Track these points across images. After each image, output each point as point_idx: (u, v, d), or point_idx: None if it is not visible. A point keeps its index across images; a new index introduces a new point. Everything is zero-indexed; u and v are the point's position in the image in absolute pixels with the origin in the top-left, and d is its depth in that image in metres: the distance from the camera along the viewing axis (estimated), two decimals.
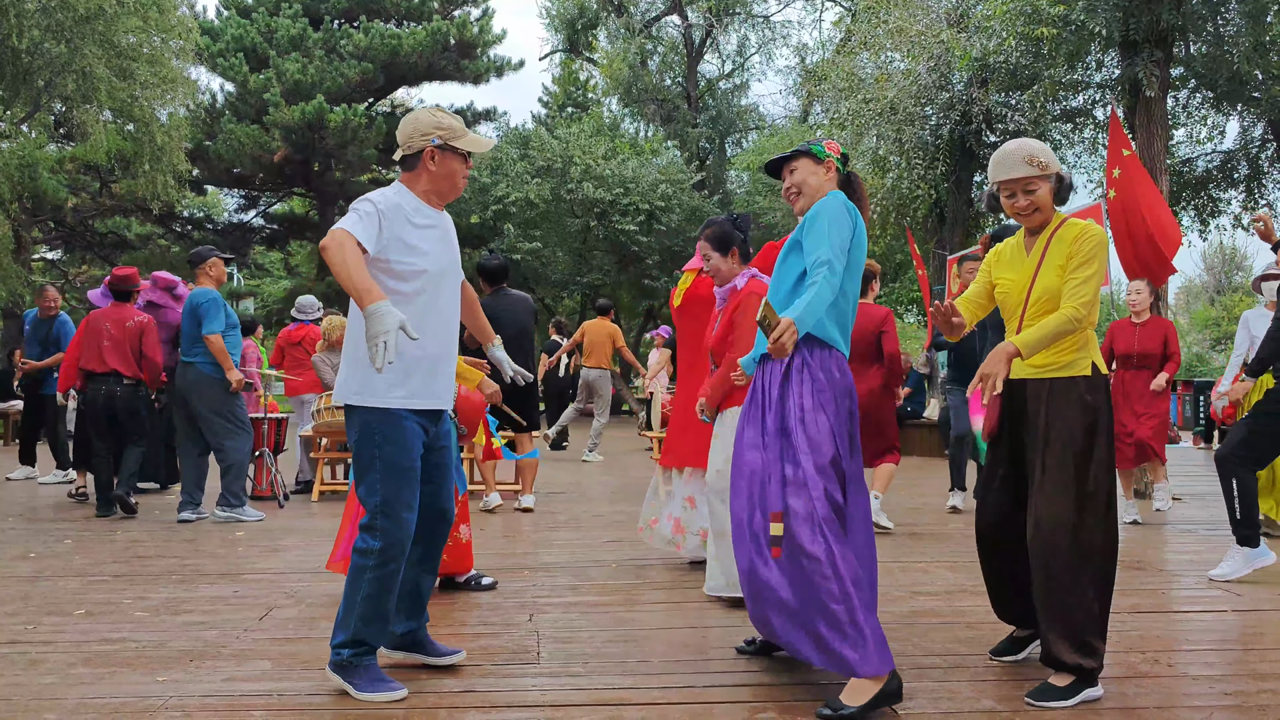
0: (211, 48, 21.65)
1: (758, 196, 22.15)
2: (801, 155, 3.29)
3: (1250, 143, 15.18)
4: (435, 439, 3.20)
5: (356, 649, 3.03)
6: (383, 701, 2.96)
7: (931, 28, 14.48)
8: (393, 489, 3.00)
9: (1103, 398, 3.11)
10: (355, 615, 3.01)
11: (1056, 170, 3.19)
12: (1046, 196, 3.18)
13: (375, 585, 3.00)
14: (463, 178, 3.15)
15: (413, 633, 3.31)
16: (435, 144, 3.09)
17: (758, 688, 3.13)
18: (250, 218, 26.81)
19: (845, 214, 3.11)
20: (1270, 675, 3.28)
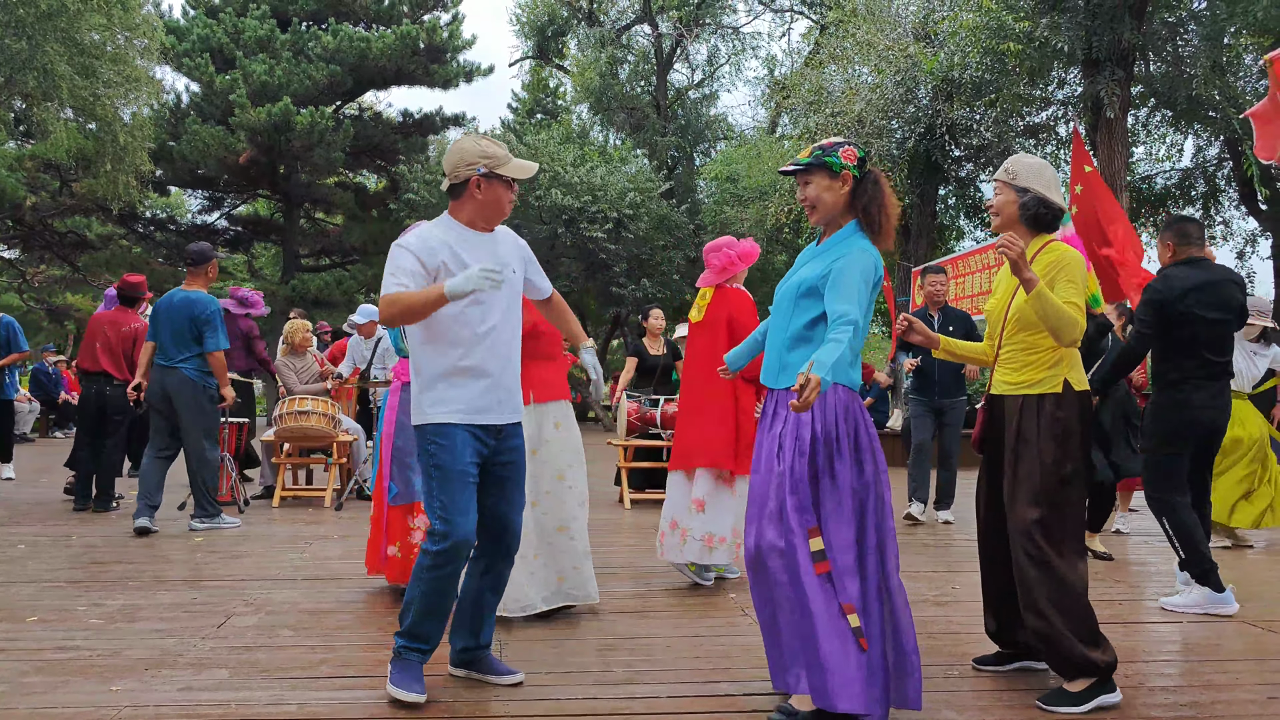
0: (177, 47, 21.40)
1: (725, 206, 22.23)
2: (816, 170, 3.08)
3: (1207, 161, 15.51)
4: (498, 452, 3.21)
5: (411, 640, 3.10)
6: (400, 698, 2.99)
7: (899, 42, 14.64)
8: (447, 494, 3.05)
9: (1075, 413, 3.18)
10: (414, 609, 3.09)
11: (1025, 186, 3.26)
12: (1006, 206, 3.32)
13: (432, 585, 3.06)
14: (509, 203, 3.19)
15: (471, 650, 3.30)
16: (481, 173, 3.11)
17: (720, 697, 3.13)
18: (214, 219, 26.50)
19: (874, 270, 2.99)
20: (1225, 685, 3.33)
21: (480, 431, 3.13)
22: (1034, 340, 3.24)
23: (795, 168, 3.11)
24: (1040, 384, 3.21)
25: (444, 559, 3.03)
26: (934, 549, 6.17)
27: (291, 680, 3.25)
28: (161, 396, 6.40)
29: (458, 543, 3.03)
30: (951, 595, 4.76)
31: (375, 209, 25.05)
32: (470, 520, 3.06)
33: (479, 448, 3.13)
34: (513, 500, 3.26)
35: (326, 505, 7.74)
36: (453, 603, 3.15)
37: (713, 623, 4.12)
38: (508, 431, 3.22)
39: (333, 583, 4.84)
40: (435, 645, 3.15)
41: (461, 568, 3.10)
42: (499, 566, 3.29)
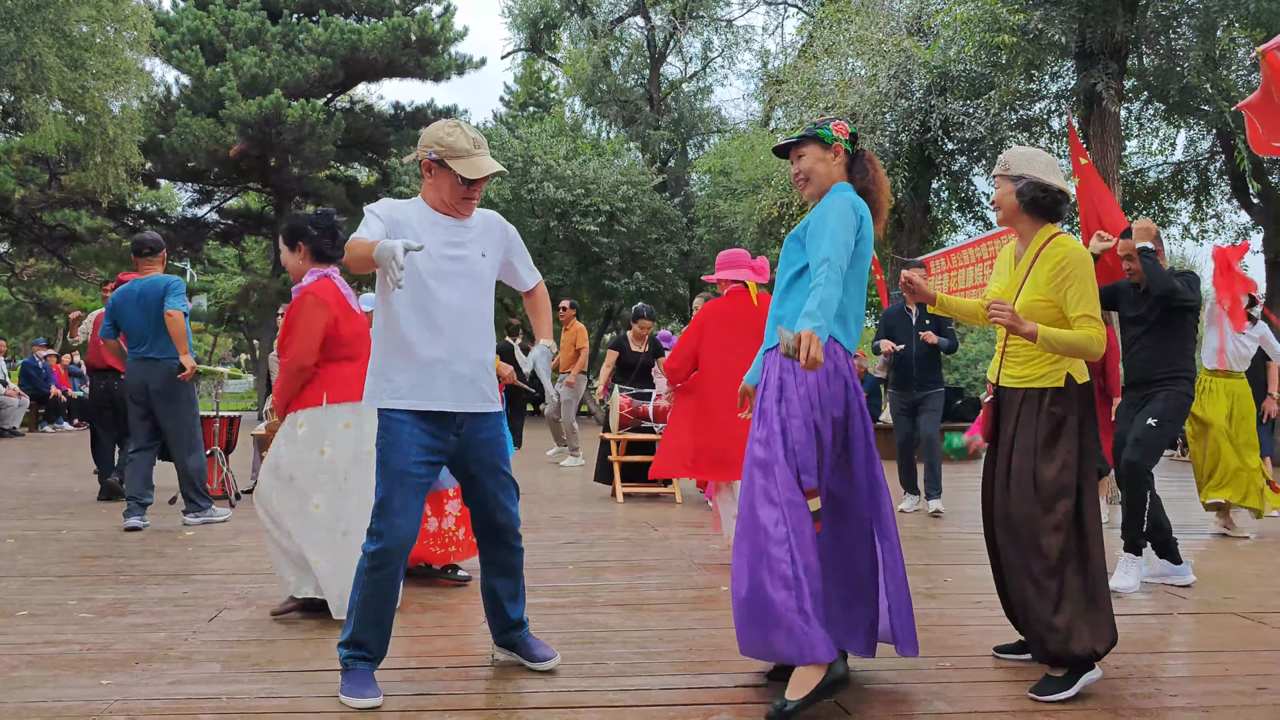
0: (167, 39, 21.26)
1: (719, 199, 22.19)
2: (809, 141, 3.18)
3: (1199, 155, 15.51)
4: (467, 448, 3.15)
5: (353, 650, 3.03)
6: (355, 706, 2.92)
7: (892, 35, 14.62)
8: (387, 491, 3.00)
9: (1073, 407, 3.22)
10: (354, 617, 3.03)
11: (1020, 173, 3.27)
12: (1003, 198, 3.34)
13: (370, 589, 3.01)
14: (460, 198, 3.09)
15: (505, 632, 3.34)
16: (431, 157, 3.08)
17: (712, 690, 3.13)
18: (204, 213, 26.37)
19: (851, 211, 3.02)
20: (1214, 677, 3.34)
21: (430, 423, 3.04)
22: None
23: (788, 143, 3.22)
24: (1043, 378, 3.25)
25: (379, 560, 2.98)
26: (925, 542, 6.18)
27: (283, 673, 3.24)
28: (141, 389, 6.27)
29: (392, 546, 2.98)
30: (942, 588, 4.77)
31: (367, 202, 24.94)
32: (408, 521, 2.99)
33: (430, 443, 3.05)
34: (497, 495, 3.21)
35: None
36: (393, 611, 3.06)
37: (705, 615, 4.12)
38: (472, 425, 3.14)
39: None
40: (380, 653, 3.07)
41: (399, 571, 3.02)
42: (503, 558, 3.29)
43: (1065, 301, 3.19)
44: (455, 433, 3.11)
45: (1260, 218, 14.55)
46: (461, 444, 3.14)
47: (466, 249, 3.13)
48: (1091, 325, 3.13)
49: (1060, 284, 3.19)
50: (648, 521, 6.87)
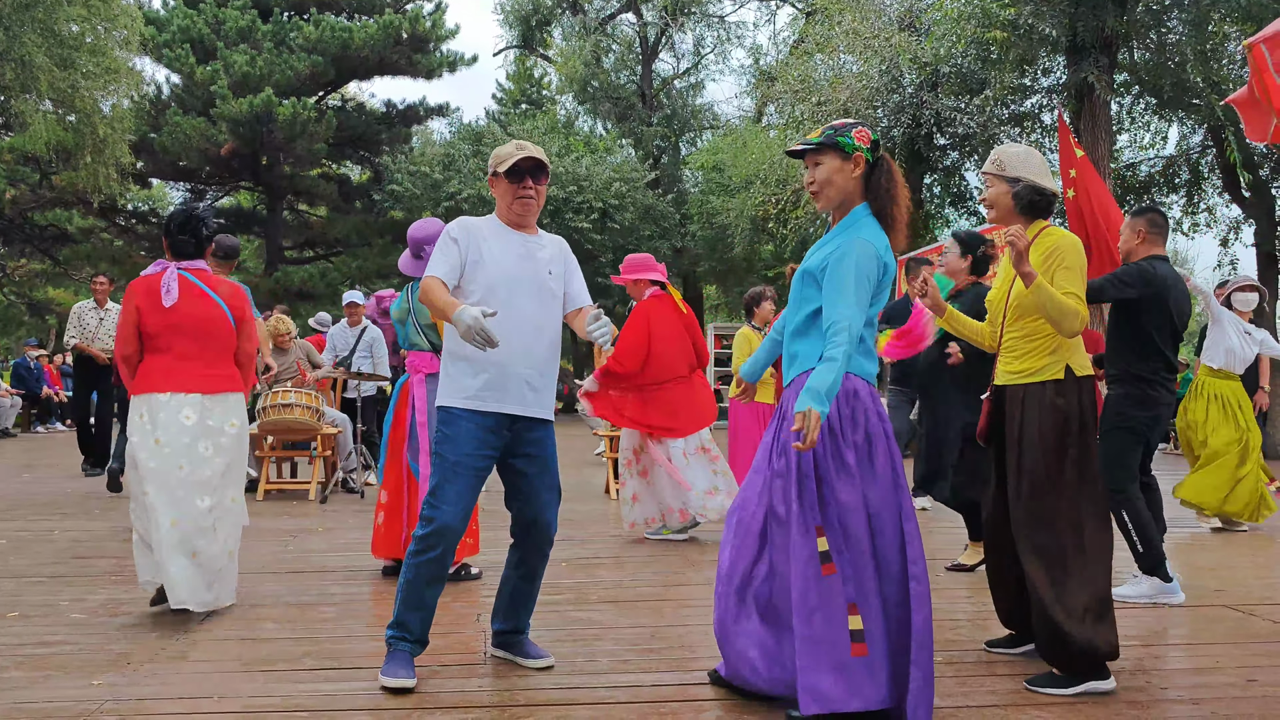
0: (157, 38, 21.19)
1: (711, 196, 22.19)
2: (828, 149, 2.95)
3: (1191, 149, 15.55)
4: (517, 444, 3.25)
5: (397, 630, 3.16)
6: (388, 685, 3.04)
7: (884, 30, 14.62)
8: (440, 479, 3.13)
9: (1076, 399, 3.19)
10: (400, 598, 3.15)
11: (1015, 175, 3.27)
12: (997, 198, 3.31)
13: (414, 572, 3.12)
14: (517, 198, 3.27)
15: (506, 634, 3.42)
16: (490, 174, 3.34)
17: (705, 687, 3.13)
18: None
19: (874, 264, 2.85)
20: (1205, 670, 3.36)
21: (488, 420, 3.16)
22: (1034, 327, 3.25)
23: (805, 147, 3.00)
24: (1041, 371, 3.22)
25: (427, 544, 3.10)
26: None
27: (275, 673, 3.24)
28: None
29: (441, 530, 3.09)
30: (935, 583, 4.78)
31: (359, 200, 24.92)
32: (457, 511, 3.10)
33: (487, 438, 3.16)
34: (540, 496, 3.30)
35: (311, 498, 7.71)
36: (436, 595, 3.17)
37: (696, 612, 4.12)
38: (524, 425, 3.24)
39: (316, 575, 4.83)
40: (421, 638, 3.17)
41: (447, 556, 3.12)
42: (532, 560, 3.37)
43: (1053, 283, 3.19)
44: (510, 429, 3.23)
45: (1251, 211, 14.58)
46: (513, 441, 3.25)
47: (537, 262, 3.29)
48: (1077, 302, 3.12)
49: (1049, 268, 3.20)
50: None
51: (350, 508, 7.26)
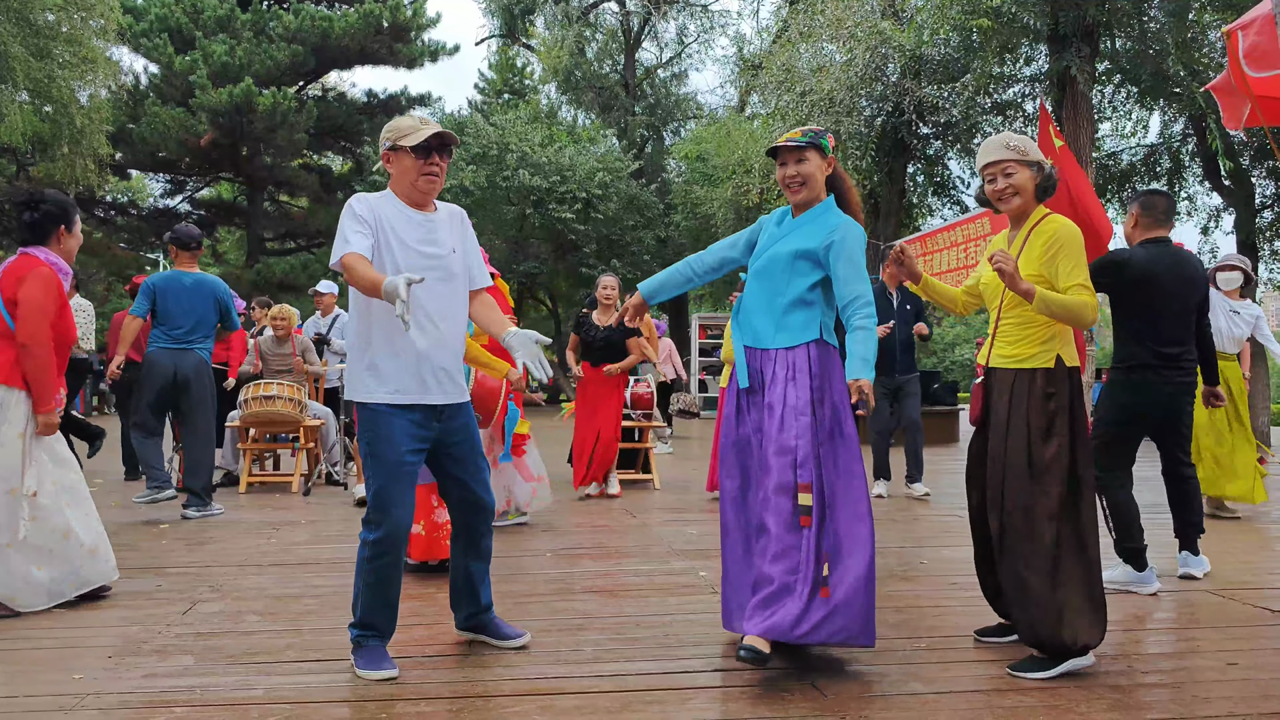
0: (134, 27, 21.00)
1: (695, 186, 22.17)
2: (811, 149, 3.31)
3: (1172, 137, 15.62)
4: (447, 433, 3.23)
5: (364, 630, 3.15)
6: (372, 678, 3.04)
7: (867, 19, 14.62)
8: (382, 483, 3.08)
9: (1066, 388, 3.21)
10: (362, 602, 3.13)
11: (1038, 160, 3.27)
12: (1025, 182, 3.27)
13: (373, 576, 3.11)
14: (422, 175, 3.14)
15: (474, 615, 3.44)
16: (387, 147, 3.20)
17: (688, 674, 3.13)
18: (176, 203, 26.12)
19: (865, 243, 3.31)
20: (1185, 654, 3.38)
21: (415, 414, 3.13)
22: (1030, 315, 3.26)
23: (794, 144, 3.30)
24: (1033, 359, 3.24)
25: (380, 549, 3.09)
26: (901, 524, 6.21)
27: (258, 665, 3.22)
28: (171, 378, 6.21)
29: (393, 534, 3.08)
30: (920, 570, 4.80)
31: (340, 191, 24.80)
32: (405, 512, 3.10)
33: (420, 433, 3.14)
34: (476, 475, 3.31)
35: (294, 491, 7.68)
36: (398, 591, 3.16)
37: (682, 601, 4.13)
38: (450, 412, 3.23)
39: (300, 568, 4.80)
40: (390, 631, 3.19)
41: (401, 556, 3.12)
42: (480, 541, 3.39)
43: (1057, 273, 3.20)
44: (437, 420, 3.20)
45: (1231, 199, 14.68)
46: (442, 431, 3.23)
47: (440, 246, 3.21)
48: (1085, 294, 3.14)
49: (1052, 257, 3.20)
50: (625, 508, 6.87)
51: (334, 500, 7.23)
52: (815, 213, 3.33)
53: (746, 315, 3.39)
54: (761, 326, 3.31)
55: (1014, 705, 2.85)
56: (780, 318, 3.27)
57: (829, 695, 2.93)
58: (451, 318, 3.21)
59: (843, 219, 3.28)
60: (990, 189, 3.34)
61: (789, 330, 3.25)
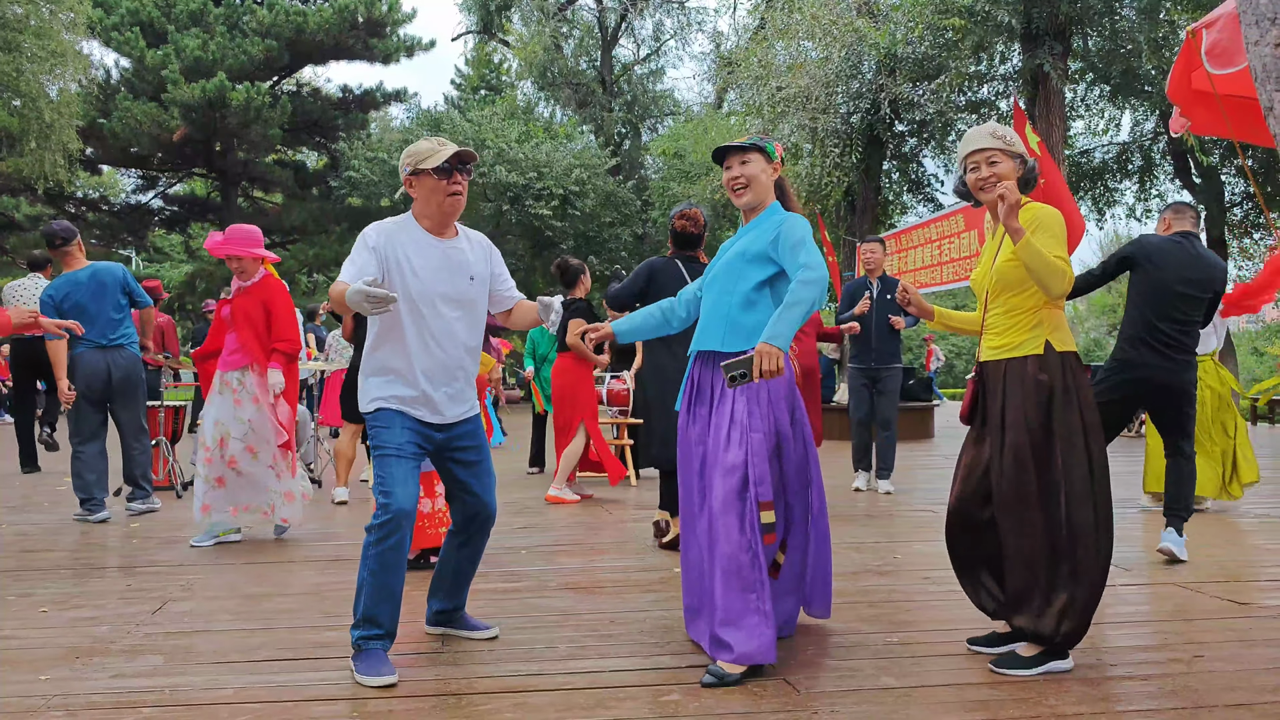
0: (105, 21, 20.75)
1: (672, 182, 22.18)
2: (757, 151, 3.33)
3: (1143, 135, 15.77)
4: (451, 441, 3.30)
5: (366, 629, 3.12)
6: (372, 685, 2.98)
7: (843, 17, 14.67)
8: (384, 468, 3.13)
9: (1059, 373, 3.14)
10: (365, 593, 3.12)
11: (1021, 153, 3.27)
12: (1009, 173, 3.22)
13: (377, 562, 3.09)
14: (448, 195, 3.19)
15: (448, 611, 3.51)
16: (408, 172, 3.22)
17: (663, 670, 3.13)
18: (149, 199, 25.85)
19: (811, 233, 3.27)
20: (1153, 646, 3.42)
21: (417, 423, 3.21)
22: (1015, 302, 3.22)
23: (738, 145, 3.31)
24: (1021, 346, 3.19)
25: (386, 531, 3.08)
26: (878, 520, 6.24)
27: (228, 664, 3.19)
28: (104, 379, 6.14)
29: (397, 514, 3.08)
30: (894, 565, 4.83)
31: (315, 187, 24.63)
32: (408, 491, 3.11)
33: (420, 430, 3.22)
34: (482, 481, 3.38)
35: None
36: (401, 583, 3.15)
37: (658, 597, 4.13)
38: (455, 425, 3.30)
39: (273, 566, 4.77)
40: (392, 630, 3.16)
41: (406, 541, 3.12)
42: (475, 541, 3.46)
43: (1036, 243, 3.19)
44: (440, 432, 3.29)
45: (1201, 197, 14.84)
46: (444, 441, 3.30)
47: (456, 270, 3.26)
48: (1062, 264, 3.08)
49: (1032, 232, 3.14)
50: (602, 504, 6.87)
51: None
52: (765, 215, 3.35)
53: (699, 326, 3.40)
54: (711, 329, 3.31)
55: (985, 699, 2.87)
56: (730, 319, 3.26)
57: (801, 690, 2.95)
58: (463, 346, 3.28)
59: (786, 214, 3.31)
60: (973, 177, 3.26)
61: (739, 333, 3.24)
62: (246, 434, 5.28)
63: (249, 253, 5.31)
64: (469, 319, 3.30)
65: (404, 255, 3.18)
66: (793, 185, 14.38)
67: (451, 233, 3.31)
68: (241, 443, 5.28)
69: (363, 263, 3.11)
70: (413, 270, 3.17)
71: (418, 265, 3.18)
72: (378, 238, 3.17)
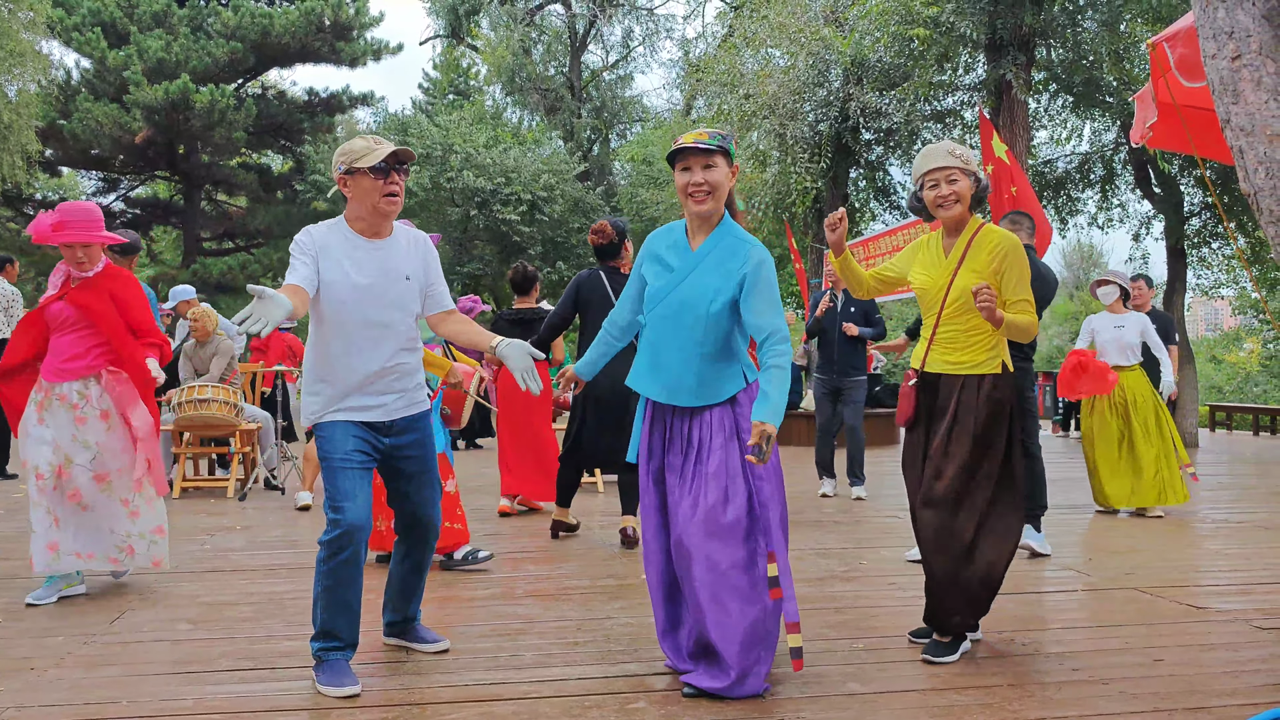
0: (66, 21, 20.43)
1: (641, 188, 22.20)
2: (720, 154, 2.99)
3: (1104, 145, 15.99)
4: (397, 449, 3.23)
5: (325, 641, 3.08)
6: (335, 696, 2.94)
7: (809, 25, 14.76)
8: (331, 482, 3.06)
9: (1009, 393, 3.34)
10: (320, 607, 3.07)
11: (975, 171, 3.36)
12: (966, 191, 3.34)
13: (332, 577, 3.04)
14: (384, 195, 3.09)
15: (398, 623, 3.47)
16: (341, 171, 3.13)
17: (630, 679, 3.12)
18: (110, 201, 25.46)
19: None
20: (1114, 651, 3.46)
21: (360, 428, 3.14)
22: (977, 323, 3.36)
23: (703, 146, 2.95)
24: (983, 365, 3.34)
25: (337, 546, 3.02)
26: (845, 525, 6.27)
27: (187, 675, 3.14)
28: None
29: (349, 528, 3.01)
30: (860, 570, 4.85)
31: (280, 190, 24.36)
32: (358, 505, 3.04)
33: (365, 436, 3.15)
34: (422, 492, 3.31)
35: (230, 496, 7.52)
36: (359, 594, 3.11)
37: (624, 604, 4.12)
38: (400, 426, 3.23)
39: (235, 574, 4.71)
40: (353, 640, 3.11)
41: (359, 555, 3.06)
42: (417, 553, 3.40)
43: (1004, 285, 3.31)
44: (387, 435, 3.21)
45: (1161, 206, 15.07)
46: (393, 443, 3.23)
47: (389, 272, 3.17)
48: (1030, 310, 3.30)
49: (999, 269, 3.30)
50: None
51: (271, 504, 7.10)
52: (717, 237, 3.01)
53: (654, 365, 3.07)
54: (677, 381, 3.02)
55: (949, 704, 2.89)
56: (701, 371, 3.00)
57: (767, 697, 2.95)
58: (396, 345, 3.18)
59: (750, 244, 2.98)
60: (931, 194, 3.35)
61: (713, 385, 3.01)
62: (95, 459, 4.18)
63: (96, 238, 4.16)
64: (406, 318, 3.21)
65: (335, 260, 3.09)
66: (761, 193, 14.33)
67: (386, 232, 3.20)
68: (88, 470, 4.17)
69: (299, 264, 3.03)
70: (345, 275, 3.08)
71: (350, 270, 3.09)
72: (310, 243, 3.08)
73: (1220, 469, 10.41)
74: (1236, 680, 3.11)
